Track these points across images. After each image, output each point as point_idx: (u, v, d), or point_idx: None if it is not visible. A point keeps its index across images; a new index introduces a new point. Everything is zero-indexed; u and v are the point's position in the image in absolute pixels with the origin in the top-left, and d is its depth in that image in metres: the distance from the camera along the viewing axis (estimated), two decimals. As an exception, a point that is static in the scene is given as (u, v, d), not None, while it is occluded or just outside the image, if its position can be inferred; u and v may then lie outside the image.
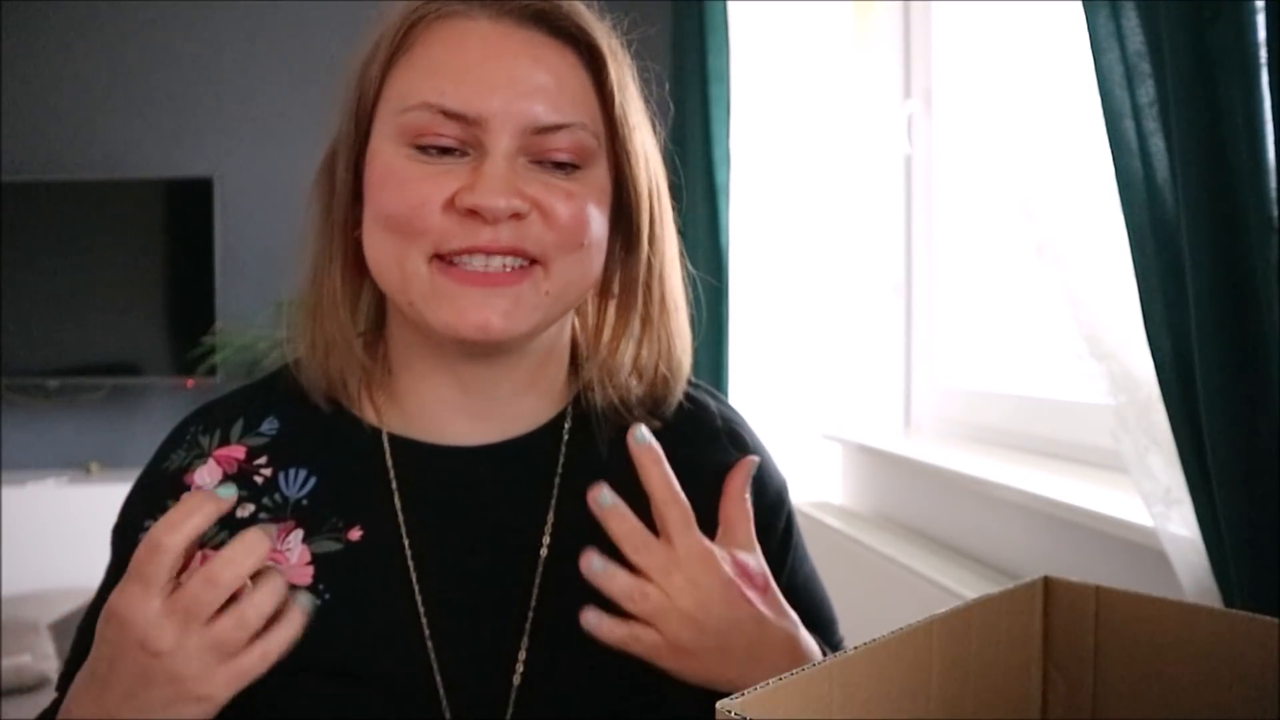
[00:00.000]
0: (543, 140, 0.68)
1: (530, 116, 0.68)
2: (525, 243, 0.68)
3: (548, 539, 0.74)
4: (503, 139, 0.67)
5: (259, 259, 2.94)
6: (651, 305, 0.77)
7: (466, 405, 0.75)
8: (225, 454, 0.75)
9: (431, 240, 0.67)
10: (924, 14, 1.97)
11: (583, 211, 0.70)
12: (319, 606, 0.69)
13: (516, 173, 0.68)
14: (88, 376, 2.98)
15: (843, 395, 2.10)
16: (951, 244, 1.94)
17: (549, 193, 0.68)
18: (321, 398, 0.76)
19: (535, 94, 0.68)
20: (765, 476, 0.82)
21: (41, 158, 2.98)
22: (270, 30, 3.07)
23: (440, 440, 0.76)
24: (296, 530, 0.72)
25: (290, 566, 0.71)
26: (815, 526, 1.96)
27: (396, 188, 0.68)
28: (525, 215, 0.68)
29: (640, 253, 0.75)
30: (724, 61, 2.14)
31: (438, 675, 0.70)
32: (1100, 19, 0.92)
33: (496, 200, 0.66)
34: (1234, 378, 0.82)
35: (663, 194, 0.77)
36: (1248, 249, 0.79)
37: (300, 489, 0.74)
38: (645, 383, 0.79)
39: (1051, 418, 1.58)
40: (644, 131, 0.75)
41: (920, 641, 0.55)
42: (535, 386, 0.77)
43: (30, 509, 2.73)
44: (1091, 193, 1.08)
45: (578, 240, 0.70)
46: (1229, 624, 0.56)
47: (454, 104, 0.67)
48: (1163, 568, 1.00)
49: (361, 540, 0.72)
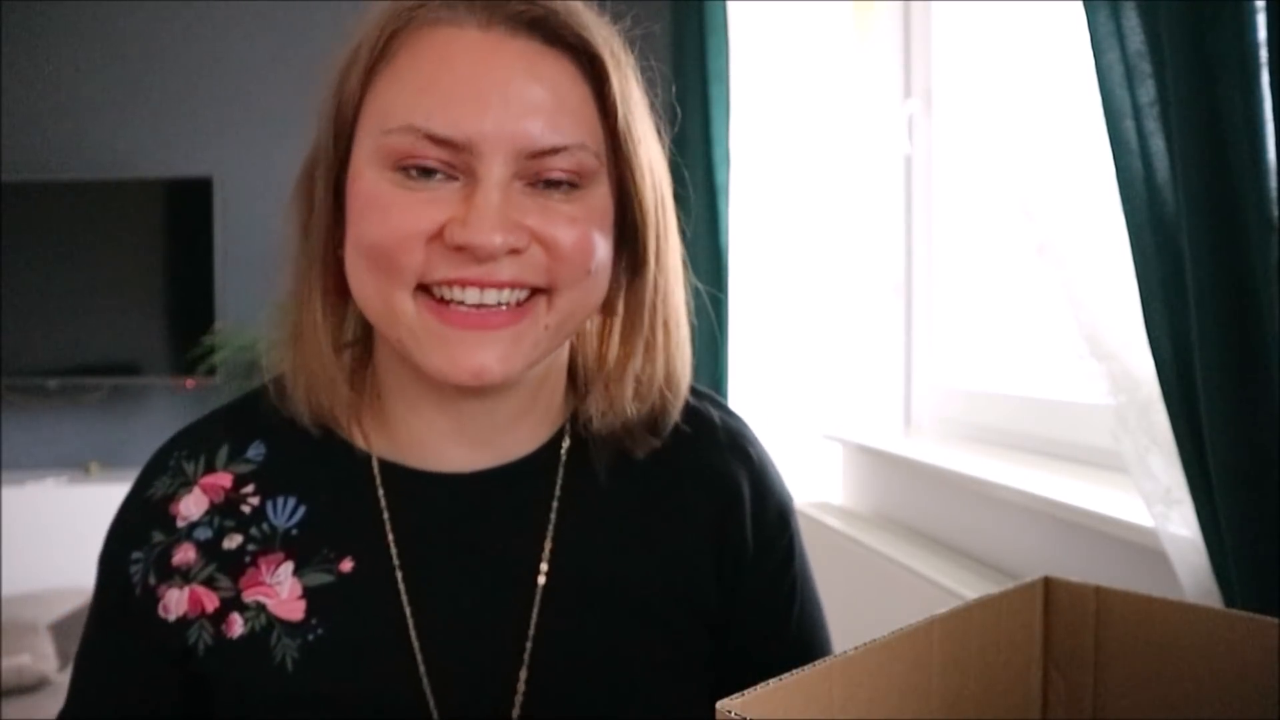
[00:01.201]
0: (539, 164, 0.63)
1: (525, 139, 0.62)
2: (524, 276, 0.63)
3: (545, 566, 0.71)
4: (495, 166, 0.62)
5: (259, 259, 2.93)
6: (656, 327, 0.72)
7: (461, 433, 0.72)
8: (211, 482, 0.72)
9: (414, 273, 0.62)
10: (924, 14, 1.97)
11: (586, 238, 0.64)
12: (311, 642, 0.68)
13: (512, 201, 0.62)
14: (88, 376, 2.97)
15: (843, 395, 2.10)
16: (951, 244, 1.94)
17: (549, 221, 0.63)
18: (310, 422, 0.72)
19: (530, 113, 0.62)
20: (766, 492, 0.78)
21: (41, 158, 2.98)
22: (270, 30, 3.07)
23: (433, 467, 0.72)
24: (286, 563, 0.70)
25: (280, 602, 0.69)
26: (815, 526, 1.96)
27: (379, 216, 0.62)
28: (524, 250, 0.63)
29: (647, 272, 0.71)
30: (724, 61, 2.14)
31: (434, 710, 0.68)
32: (1100, 19, 0.92)
33: (491, 237, 0.60)
34: (1234, 378, 0.81)
35: (668, 207, 0.72)
36: (1248, 249, 0.79)
37: (289, 518, 0.71)
38: (645, 404, 0.74)
39: (1052, 418, 1.58)
40: (649, 143, 0.70)
41: (920, 641, 0.55)
42: (532, 412, 0.74)
43: (30, 509, 2.73)
44: (1091, 193, 1.07)
45: (583, 269, 0.65)
46: (1229, 624, 0.56)
47: (441, 128, 0.61)
48: (1163, 568, 1.00)
49: (354, 571, 0.70)
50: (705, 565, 0.74)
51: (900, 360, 2.05)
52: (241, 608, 0.69)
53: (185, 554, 0.70)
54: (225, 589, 0.69)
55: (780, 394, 2.14)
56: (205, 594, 0.69)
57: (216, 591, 0.69)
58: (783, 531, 0.79)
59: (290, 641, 0.68)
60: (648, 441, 0.74)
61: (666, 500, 0.75)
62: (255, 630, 0.68)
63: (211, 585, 0.69)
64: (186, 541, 0.70)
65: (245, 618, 0.69)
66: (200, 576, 0.70)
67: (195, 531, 0.71)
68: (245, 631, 0.68)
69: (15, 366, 2.93)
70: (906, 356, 2.04)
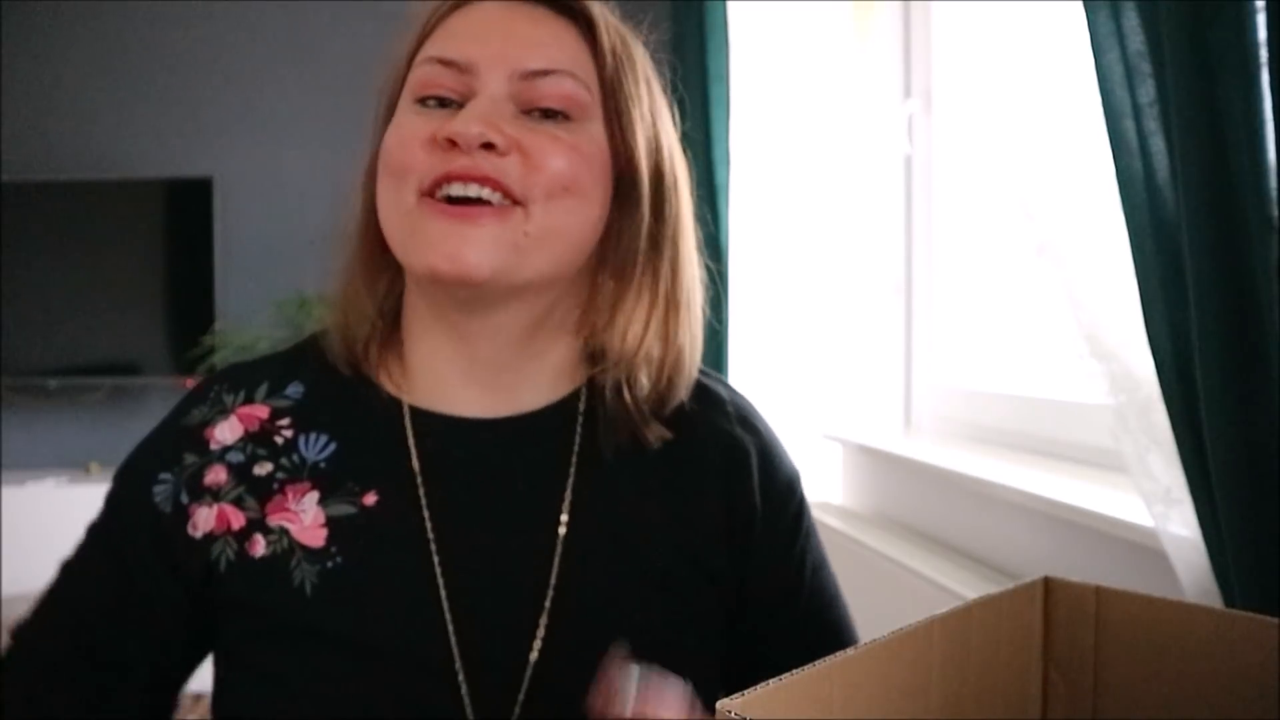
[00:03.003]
0: (532, 86, 0.70)
1: (518, 60, 0.70)
2: (503, 178, 0.68)
3: (565, 517, 0.74)
4: (491, 82, 0.70)
5: (259, 259, 2.94)
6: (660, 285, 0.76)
7: (473, 374, 0.75)
8: (248, 412, 0.76)
9: (417, 176, 0.69)
10: (924, 14, 1.97)
11: (565, 156, 0.70)
12: (330, 569, 0.71)
13: (499, 111, 0.69)
14: (87, 376, 2.98)
15: (843, 395, 2.10)
16: (951, 244, 1.94)
17: (533, 136, 0.69)
18: (344, 364, 0.77)
19: (527, 43, 0.71)
20: (775, 464, 0.82)
21: (41, 158, 2.98)
22: (270, 30, 3.07)
23: (455, 412, 0.76)
24: (312, 492, 0.73)
25: (303, 528, 0.72)
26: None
27: (396, 135, 0.71)
28: (503, 151, 0.68)
29: (640, 218, 0.74)
30: (724, 61, 2.14)
31: (455, 647, 0.70)
32: (1100, 19, 0.92)
33: (470, 126, 0.67)
34: (1234, 378, 0.81)
35: (673, 175, 0.77)
36: (1248, 249, 0.79)
37: (320, 452, 0.74)
38: (658, 369, 0.78)
39: (1051, 418, 1.58)
40: (649, 107, 0.76)
41: (920, 641, 0.55)
42: (539, 358, 0.76)
43: (30, 509, 2.73)
44: (1091, 193, 1.07)
45: (560, 184, 0.70)
46: (1229, 624, 0.56)
47: (451, 53, 0.71)
48: (1163, 568, 1.00)
49: (377, 505, 0.73)
50: (716, 526, 0.78)
51: (900, 360, 2.05)
52: (265, 530, 0.72)
53: (217, 475, 0.74)
54: (252, 510, 0.73)
55: (780, 393, 2.14)
56: (233, 512, 0.73)
57: (244, 511, 0.73)
58: (791, 497, 0.82)
59: (310, 567, 0.71)
60: (660, 406, 0.78)
61: (678, 462, 0.78)
62: (277, 552, 0.71)
63: (239, 505, 0.73)
64: (219, 463, 0.74)
65: (268, 540, 0.72)
66: (229, 496, 0.73)
67: (228, 455, 0.74)
68: (267, 553, 0.71)
69: (15, 366, 2.93)
70: (906, 356, 2.04)
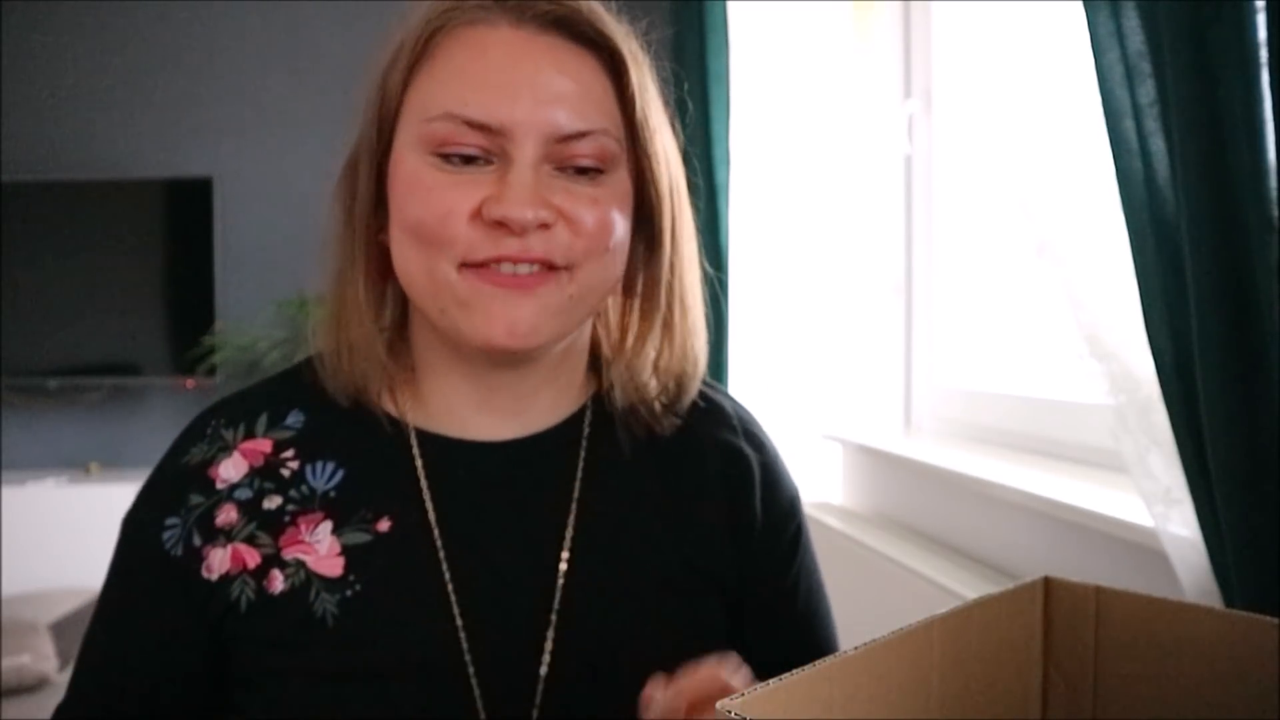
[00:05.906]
0: (566, 148, 0.69)
1: (554, 125, 0.68)
2: (553, 253, 0.69)
3: (571, 532, 0.75)
4: (527, 148, 0.68)
5: (259, 259, 2.94)
6: (674, 305, 0.78)
7: (490, 403, 0.76)
8: (251, 447, 0.75)
9: (460, 250, 0.68)
10: (924, 14, 1.97)
11: (607, 217, 0.70)
12: (349, 598, 0.71)
13: (542, 181, 0.68)
14: (87, 376, 2.97)
15: (843, 395, 2.10)
16: (951, 244, 1.94)
17: (574, 201, 0.69)
18: (344, 397, 0.76)
19: (558, 101, 0.69)
20: (778, 481, 0.83)
21: (41, 158, 2.98)
22: (270, 30, 3.07)
23: (464, 435, 0.76)
24: (325, 522, 0.73)
25: (320, 558, 0.72)
26: (815, 526, 1.94)
27: (423, 197, 0.69)
28: (552, 225, 0.68)
29: (663, 253, 0.76)
30: (724, 62, 2.14)
31: (470, 665, 0.71)
32: (1100, 19, 0.92)
33: (524, 212, 0.66)
34: (1234, 378, 0.82)
35: (682, 194, 0.78)
36: (1248, 249, 0.79)
37: (328, 480, 0.74)
38: (663, 381, 0.79)
39: (1051, 418, 1.58)
40: (664, 134, 0.75)
41: (920, 641, 0.55)
42: (555, 382, 0.78)
43: (30, 509, 2.73)
44: (1091, 192, 1.07)
45: (603, 246, 0.70)
46: (1229, 624, 0.56)
47: (477, 114, 0.67)
48: (1163, 568, 1.00)
49: (390, 531, 0.73)
50: (721, 537, 0.79)
51: (900, 360, 2.05)
52: (282, 564, 0.72)
53: (228, 514, 0.73)
54: (265, 545, 0.72)
55: (780, 394, 2.14)
56: (247, 551, 0.72)
57: (258, 549, 0.72)
58: (791, 518, 0.83)
59: (330, 596, 0.71)
60: (667, 418, 0.79)
61: (684, 474, 0.80)
62: (295, 585, 0.71)
63: (252, 543, 0.72)
64: (228, 502, 0.73)
65: (286, 574, 0.71)
66: (241, 535, 0.72)
67: (235, 492, 0.74)
68: (286, 587, 0.71)
69: (15, 366, 2.93)
70: (906, 356, 2.04)
